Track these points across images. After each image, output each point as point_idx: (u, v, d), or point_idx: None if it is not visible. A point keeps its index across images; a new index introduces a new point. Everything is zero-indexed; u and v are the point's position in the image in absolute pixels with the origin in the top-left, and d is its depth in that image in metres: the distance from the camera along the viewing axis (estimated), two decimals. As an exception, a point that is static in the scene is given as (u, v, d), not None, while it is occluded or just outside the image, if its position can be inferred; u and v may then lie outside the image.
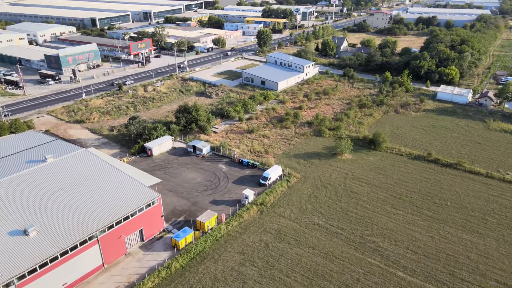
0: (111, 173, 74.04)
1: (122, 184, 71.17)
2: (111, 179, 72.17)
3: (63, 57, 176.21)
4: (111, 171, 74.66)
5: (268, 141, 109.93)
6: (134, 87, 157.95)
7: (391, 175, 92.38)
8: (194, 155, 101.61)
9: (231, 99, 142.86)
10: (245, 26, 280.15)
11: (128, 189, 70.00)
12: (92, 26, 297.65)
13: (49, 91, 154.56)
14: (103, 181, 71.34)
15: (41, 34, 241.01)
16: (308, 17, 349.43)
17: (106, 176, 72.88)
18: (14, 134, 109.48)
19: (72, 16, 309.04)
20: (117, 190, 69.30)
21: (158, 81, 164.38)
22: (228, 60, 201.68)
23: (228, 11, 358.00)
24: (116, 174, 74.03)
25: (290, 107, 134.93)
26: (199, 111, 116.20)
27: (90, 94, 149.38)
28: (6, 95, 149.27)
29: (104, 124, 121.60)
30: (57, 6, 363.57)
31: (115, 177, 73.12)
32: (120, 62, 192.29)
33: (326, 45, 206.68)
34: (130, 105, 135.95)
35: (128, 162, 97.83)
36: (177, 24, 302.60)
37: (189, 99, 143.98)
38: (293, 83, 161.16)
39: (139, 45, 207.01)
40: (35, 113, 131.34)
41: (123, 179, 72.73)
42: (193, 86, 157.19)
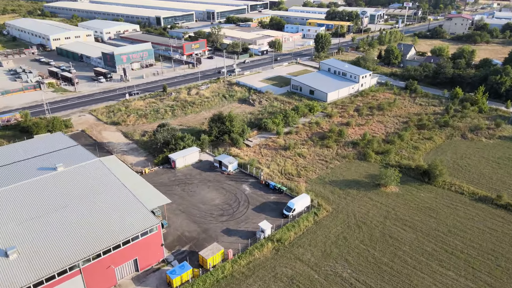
0: (114, 191, 68.14)
1: (122, 205, 64.72)
2: (112, 198, 66.15)
3: (118, 55, 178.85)
4: (115, 188, 68.80)
5: (304, 161, 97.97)
6: (179, 89, 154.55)
7: (444, 219, 75.76)
8: (219, 171, 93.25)
9: (274, 108, 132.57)
10: (306, 28, 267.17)
11: (127, 212, 63.31)
12: (157, 24, 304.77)
13: (98, 89, 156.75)
14: (103, 200, 65.54)
15: (107, 32, 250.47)
16: (377, 21, 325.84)
17: (108, 194, 67.08)
18: (50, 133, 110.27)
19: (139, 14, 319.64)
20: (115, 212, 62.91)
21: (203, 84, 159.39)
22: (280, 65, 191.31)
23: (291, 13, 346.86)
24: (120, 192, 67.94)
25: (336, 122, 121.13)
26: (233, 122, 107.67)
27: (136, 94, 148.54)
28: (59, 91, 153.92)
29: (138, 127, 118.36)
30: (129, 4, 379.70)
31: (117, 195, 67.01)
32: (172, 62, 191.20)
33: (390, 53, 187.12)
34: (169, 109, 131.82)
35: (149, 172, 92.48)
36: (238, 24, 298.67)
37: (230, 106, 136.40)
38: (346, 94, 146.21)
39: (193, 45, 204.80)
40: (78, 111, 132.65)
41: (125, 199, 66.35)
42: (237, 92, 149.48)
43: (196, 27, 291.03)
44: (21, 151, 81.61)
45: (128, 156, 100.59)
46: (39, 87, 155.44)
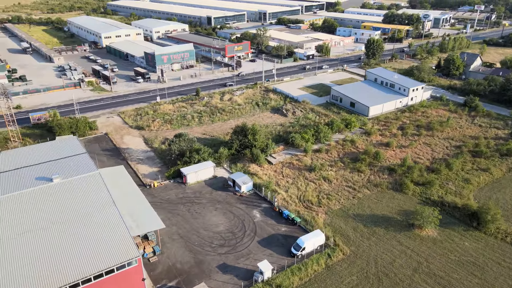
0: (102, 211, 62.28)
1: (105, 230, 58.50)
2: (96, 220, 60.26)
3: (158, 55, 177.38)
4: (104, 208, 62.96)
5: (329, 187, 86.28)
6: (213, 93, 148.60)
7: (492, 281, 60.77)
8: (232, 191, 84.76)
9: (308, 121, 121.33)
10: (359, 32, 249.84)
11: (108, 239, 56.94)
12: (208, 24, 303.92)
13: (134, 89, 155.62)
14: (86, 222, 59.84)
15: (156, 31, 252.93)
16: (441, 25, 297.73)
17: (93, 215, 61.33)
18: (73, 134, 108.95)
19: (192, 14, 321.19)
20: (93, 239, 56.80)
21: (239, 90, 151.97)
22: (325, 71, 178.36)
23: (346, 14, 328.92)
24: (108, 213, 61.94)
25: (374, 142, 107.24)
26: (257, 135, 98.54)
27: (170, 96, 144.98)
28: (97, 90, 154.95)
29: (161, 134, 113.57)
30: (186, 4, 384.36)
31: (104, 217, 61.02)
32: (212, 64, 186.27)
33: (450, 62, 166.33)
34: (196, 115, 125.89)
35: (158, 186, 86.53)
36: (288, 26, 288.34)
37: (261, 116, 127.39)
38: (391, 108, 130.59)
39: (236, 47, 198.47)
40: (108, 112, 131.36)
41: (110, 222, 60.16)
42: (272, 100, 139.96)
43: (246, 27, 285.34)
44: (26, 156, 79.23)
45: (142, 166, 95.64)
46: (79, 85, 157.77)
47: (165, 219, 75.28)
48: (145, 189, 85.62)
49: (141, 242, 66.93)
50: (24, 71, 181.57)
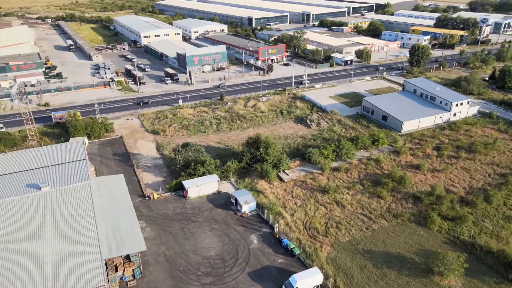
0: (78, 227, 58.39)
1: (75, 250, 54.31)
2: (70, 238, 56.33)
3: (189, 56, 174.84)
4: (81, 224, 58.98)
5: (341, 213, 76.89)
6: (238, 98, 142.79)
7: None
8: (233, 210, 78.12)
9: (332, 134, 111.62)
10: (406, 36, 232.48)
11: (75, 261, 52.63)
12: (249, 25, 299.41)
13: (161, 91, 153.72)
14: (59, 238, 56.17)
15: (194, 31, 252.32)
16: (503, 30, 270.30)
17: (69, 231, 57.59)
18: (88, 136, 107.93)
19: (234, 14, 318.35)
20: (61, 259, 52.72)
21: (265, 95, 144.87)
22: (361, 79, 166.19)
23: (395, 17, 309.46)
24: (83, 230, 57.85)
25: (403, 163, 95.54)
26: (269, 149, 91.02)
27: (195, 99, 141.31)
28: (125, 90, 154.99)
29: (175, 140, 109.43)
30: (231, 4, 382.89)
31: (77, 235, 56.99)
32: (243, 67, 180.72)
33: (506, 73, 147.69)
34: (215, 122, 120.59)
35: (158, 198, 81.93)
36: (330, 28, 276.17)
37: (282, 125, 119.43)
38: (429, 124, 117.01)
39: (270, 50, 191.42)
40: (129, 114, 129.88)
41: (83, 241, 55.93)
42: (297, 108, 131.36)
43: (287, 29, 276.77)
44: (25, 160, 77.86)
45: (148, 174, 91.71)
46: (109, 84, 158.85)
47: (156, 236, 70.46)
48: (144, 200, 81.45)
49: (122, 263, 62.25)
50: (64, 68, 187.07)
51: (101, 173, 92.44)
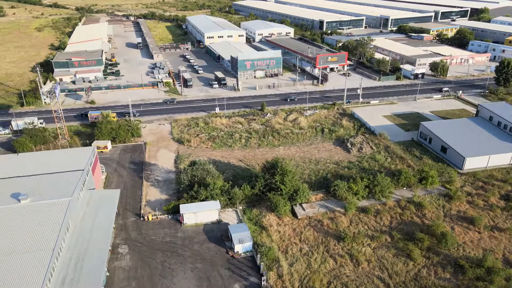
0: (32, 254, 52.83)
1: (15, 284, 48.70)
2: (18, 266, 50.98)
3: (242, 60, 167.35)
4: (37, 251, 53.43)
5: (352, 272, 61.93)
6: (280, 109, 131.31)
7: None
8: (226, 247, 67.79)
9: (373, 163, 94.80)
10: (499, 48, 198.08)
11: (9, 298, 47.01)
12: (319, 29, 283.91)
13: (204, 95, 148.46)
14: (7, 263, 51.04)
15: (259, 33, 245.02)
16: None
17: (22, 257, 52.29)
18: (113, 140, 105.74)
19: (305, 16, 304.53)
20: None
21: (311, 109, 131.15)
22: (429, 97, 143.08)
23: (491, 25, 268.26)
24: (35, 259, 52.15)
25: (454, 212, 76.08)
26: (286, 177, 78.62)
27: (236, 107, 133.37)
28: (169, 91, 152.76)
29: (197, 152, 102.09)
30: (306, 5, 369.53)
31: (27, 264, 51.40)
32: (296, 75, 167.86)
33: None
34: (245, 135, 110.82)
35: (152, 220, 74.86)
36: (408, 35, 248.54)
37: (318, 147, 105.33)
38: (503, 163, 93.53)
39: (330, 58, 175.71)
40: (164, 118, 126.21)
41: (28, 273, 50.15)
42: (342, 127, 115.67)
43: (361, 34, 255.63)
44: (23, 164, 76.12)
45: (154, 190, 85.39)
46: (157, 85, 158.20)
47: (132, 268, 63.18)
48: (138, 221, 74.95)
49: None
50: (125, 66, 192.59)
51: (110, 182, 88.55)
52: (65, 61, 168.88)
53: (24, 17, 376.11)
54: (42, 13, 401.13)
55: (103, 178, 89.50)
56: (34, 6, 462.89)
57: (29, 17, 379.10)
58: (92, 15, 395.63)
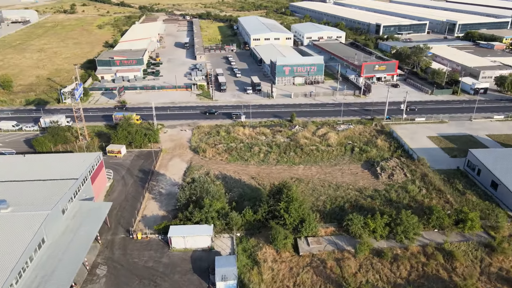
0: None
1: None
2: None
3: (280, 66, 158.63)
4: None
5: (348, 335, 51.17)
6: (312, 122, 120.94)
7: None
8: (209, 282, 60.17)
9: (404, 195, 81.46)
10: None
11: None
12: (376, 33, 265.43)
13: (235, 101, 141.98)
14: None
15: (307, 36, 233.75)
16: None
17: (-28, 278, 48.99)
18: (130, 144, 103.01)
19: (361, 19, 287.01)
20: None
21: (346, 123, 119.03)
22: (489, 117, 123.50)
23: None
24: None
25: (495, 270, 61.38)
26: (292, 205, 69.10)
27: (264, 116, 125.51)
28: (201, 95, 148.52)
29: (210, 164, 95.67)
30: (365, 8, 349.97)
31: (-23, 287, 47.94)
32: (337, 83, 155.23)
33: None
34: (265, 149, 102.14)
35: (141, 239, 69.51)
36: (476, 43, 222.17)
37: (342, 169, 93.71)
38: None
39: (377, 66, 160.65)
40: (188, 124, 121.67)
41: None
42: (375, 147, 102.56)
43: (422, 40, 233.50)
44: (23, 168, 74.50)
45: (154, 204, 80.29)
46: (191, 87, 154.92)
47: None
48: (127, 238, 70.04)
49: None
50: (167, 66, 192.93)
51: (113, 191, 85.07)
52: (107, 60, 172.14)
53: (91, 15, 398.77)
54: (107, 11, 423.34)
55: (107, 186, 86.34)
56: (102, 4, 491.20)
57: (95, 14, 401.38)
58: (152, 14, 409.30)
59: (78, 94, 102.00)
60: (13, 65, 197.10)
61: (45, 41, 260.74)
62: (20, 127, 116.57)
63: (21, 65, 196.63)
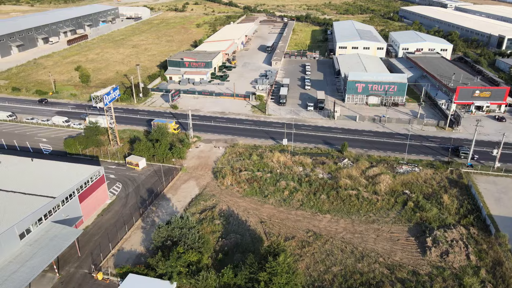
0: None
1: None
2: None
3: (352, 81, 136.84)
4: None
5: None
6: (368, 156, 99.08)
7: None
8: None
9: (458, 284, 57.40)
10: None
11: None
12: (497, 47, 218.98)
13: (289, 118, 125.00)
14: None
15: (403, 47, 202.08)
16: None
17: None
18: (153, 157, 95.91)
19: (479, 29, 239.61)
20: None
21: (410, 164, 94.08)
22: None
23: None
24: None
25: None
26: (276, 279, 52.23)
27: (313, 141, 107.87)
28: (256, 107, 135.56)
29: (220, 195, 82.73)
30: (492, 15, 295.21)
31: None
32: (419, 109, 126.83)
33: None
34: (293, 186, 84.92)
35: (102, 281, 60.38)
36: None
37: (380, 231, 71.68)
38: None
39: (478, 92, 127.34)
40: (225, 140, 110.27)
41: None
42: (439, 205, 77.16)
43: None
44: (14, 175, 71.25)
45: (138, 236, 70.75)
46: (248, 97, 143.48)
47: None
48: (87, 276, 61.55)
49: None
50: (240, 70, 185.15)
51: (109, 211, 78.12)
52: (177, 60, 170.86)
53: (197, 14, 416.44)
54: (213, 10, 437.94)
55: (107, 203, 79.90)
56: (212, 4, 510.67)
57: (201, 13, 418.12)
58: (252, 14, 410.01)
59: (110, 99, 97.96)
60: (104, 59, 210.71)
61: (143, 37, 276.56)
62: (69, 123, 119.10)
63: (110, 60, 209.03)
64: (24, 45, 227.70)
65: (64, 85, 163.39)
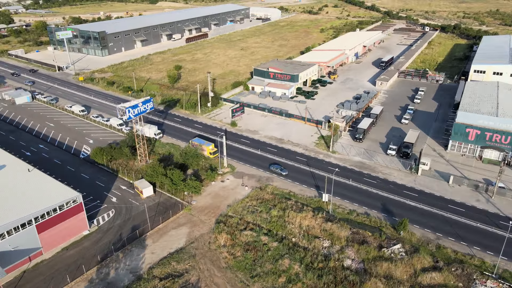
0: None
1: None
2: None
3: (461, 124, 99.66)
4: None
5: None
6: (438, 248, 67.13)
7: None
8: None
9: None
10: None
11: None
12: None
13: (357, 162, 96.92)
14: None
15: None
16: None
17: None
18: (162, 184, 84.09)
19: None
20: None
21: (508, 287, 59.19)
22: None
23: None
24: None
25: None
26: None
27: (357, 201, 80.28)
28: (326, 138, 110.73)
29: (198, 258, 64.58)
30: None
31: None
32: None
33: None
34: (299, 271, 60.87)
35: None
36: None
37: None
38: None
39: None
40: (259, 178, 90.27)
41: None
42: None
43: None
44: None
45: None
46: (321, 124, 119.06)
47: None
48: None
49: None
50: (336, 87, 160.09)
51: (78, 245, 68.52)
52: (263, 70, 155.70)
53: (329, 17, 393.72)
54: (348, 14, 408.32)
55: (82, 234, 70.63)
56: (352, 7, 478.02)
57: (333, 17, 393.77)
58: (390, 21, 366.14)
59: (136, 113, 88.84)
60: (207, 60, 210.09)
61: (259, 39, 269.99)
62: (122, 127, 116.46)
63: (212, 61, 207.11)
64: (147, 40, 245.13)
65: (153, 84, 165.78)
